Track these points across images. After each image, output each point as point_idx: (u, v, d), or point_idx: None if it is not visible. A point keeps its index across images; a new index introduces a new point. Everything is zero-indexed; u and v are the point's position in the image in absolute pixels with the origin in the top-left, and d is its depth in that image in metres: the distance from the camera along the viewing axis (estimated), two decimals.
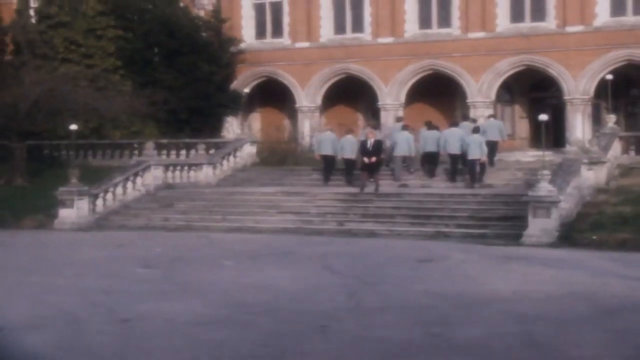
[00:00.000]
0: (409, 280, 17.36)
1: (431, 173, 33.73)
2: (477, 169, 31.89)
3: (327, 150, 33.87)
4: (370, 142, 30.49)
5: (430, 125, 35.15)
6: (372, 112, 50.40)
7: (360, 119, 51.66)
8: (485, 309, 14.15)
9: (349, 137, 33.98)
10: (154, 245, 23.81)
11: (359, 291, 15.92)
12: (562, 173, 27.53)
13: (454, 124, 35.66)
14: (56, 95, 34.13)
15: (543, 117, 29.79)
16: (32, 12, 46.15)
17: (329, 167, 34.03)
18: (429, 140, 33.73)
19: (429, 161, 34.01)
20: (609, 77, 43.15)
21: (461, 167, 32.89)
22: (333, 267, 19.06)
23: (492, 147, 34.11)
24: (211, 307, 14.64)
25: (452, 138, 32.69)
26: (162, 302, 15.18)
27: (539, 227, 24.78)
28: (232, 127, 49.94)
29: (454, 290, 15.88)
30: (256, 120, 53.37)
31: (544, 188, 25.15)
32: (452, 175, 32.95)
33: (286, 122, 52.79)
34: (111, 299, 15.53)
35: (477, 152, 31.54)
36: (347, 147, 33.08)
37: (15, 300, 15.57)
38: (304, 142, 47.96)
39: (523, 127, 49.32)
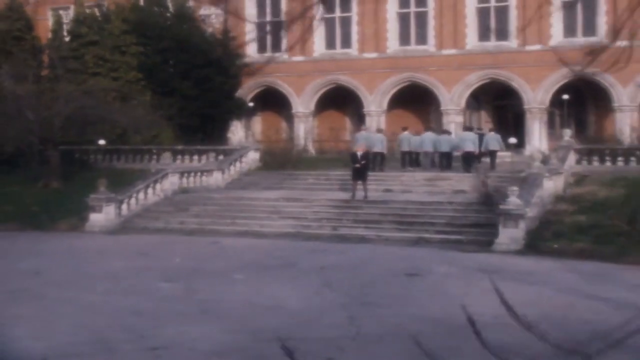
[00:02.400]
0: (401, 300, 16.70)
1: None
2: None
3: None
4: (359, 154, 30.42)
5: (443, 131, 39.67)
6: (358, 116, 49.86)
7: (347, 123, 51.36)
8: (472, 338, 13.53)
9: (379, 135, 37.15)
10: (173, 254, 23.09)
11: (358, 314, 15.28)
12: (527, 186, 27.04)
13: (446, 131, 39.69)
14: (86, 112, 33.41)
15: (512, 140, 29.46)
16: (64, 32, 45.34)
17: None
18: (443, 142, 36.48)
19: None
20: (565, 96, 43.09)
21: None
22: (332, 284, 18.39)
23: (493, 155, 35.92)
24: (227, 333, 13.96)
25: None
26: (184, 325, 14.49)
27: (508, 236, 24.41)
28: (237, 129, 49.51)
29: (442, 314, 15.19)
30: (257, 123, 52.90)
31: (513, 202, 24.70)
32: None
33: (283, 125, 52.35)
34: (139, 321, 14.84)
35: (470, 146, 34.65)
36: (378, 143, 35.81)
37: (56, 322, 14.87)
38: (299, 143, 47.60)
39: None
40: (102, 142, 33.55)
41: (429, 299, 16.89)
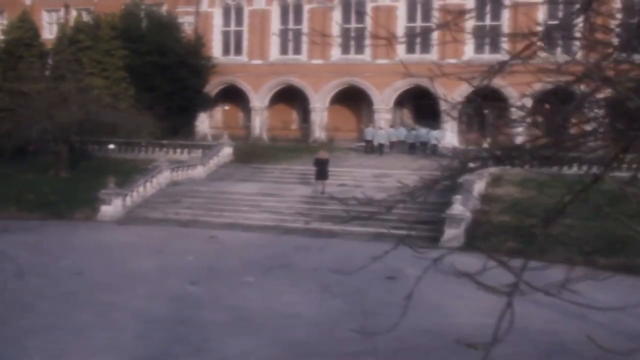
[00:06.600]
0: (394, 309, 16.76)
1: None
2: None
3: (368, 137, 42.15)
4: (322, 159, 30.56)
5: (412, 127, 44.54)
6: (304, 111, 49.74)
7: (294, 115, 51.13)
8: (463, 351, 13.82)
9: (382, 131, 42.54)
10: (184, 251, 22.71)
11: (365, 325, 15.43)
12: (464, 190, 27.45)
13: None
14: (92, 118, 32.55)
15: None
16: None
17: (368, 145, 41.97)
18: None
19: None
20: (486, 111, 43.92)
21: None
22: (330, 288, 18.36)
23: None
24: (267, 346, 13.85)
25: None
26: (227, 337, 14.39)
27: (452, 234, 24.97)
28: (203, 119, 49.07)
29: (434, 327, 15.29)
30: (218, 113, 52.20)
31: (457, 208, 25.19)
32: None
33: (241, 116, 51.81)
34: (189, 332, 14.60)
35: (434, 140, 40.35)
36: (381, 136, 42.02)
37: (117, 333, 14.55)
38: (255, 133, 47.56)
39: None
40: (111, 146, 32.88)
41: (416, 309, 16.87)
